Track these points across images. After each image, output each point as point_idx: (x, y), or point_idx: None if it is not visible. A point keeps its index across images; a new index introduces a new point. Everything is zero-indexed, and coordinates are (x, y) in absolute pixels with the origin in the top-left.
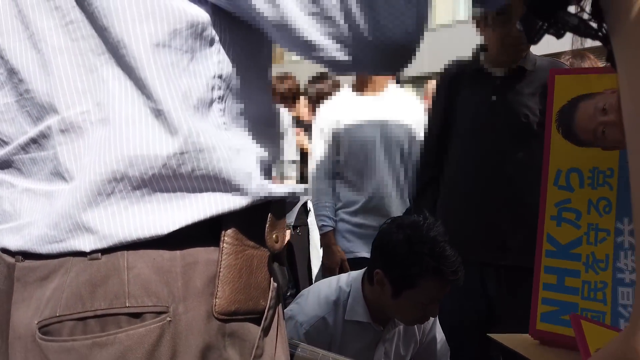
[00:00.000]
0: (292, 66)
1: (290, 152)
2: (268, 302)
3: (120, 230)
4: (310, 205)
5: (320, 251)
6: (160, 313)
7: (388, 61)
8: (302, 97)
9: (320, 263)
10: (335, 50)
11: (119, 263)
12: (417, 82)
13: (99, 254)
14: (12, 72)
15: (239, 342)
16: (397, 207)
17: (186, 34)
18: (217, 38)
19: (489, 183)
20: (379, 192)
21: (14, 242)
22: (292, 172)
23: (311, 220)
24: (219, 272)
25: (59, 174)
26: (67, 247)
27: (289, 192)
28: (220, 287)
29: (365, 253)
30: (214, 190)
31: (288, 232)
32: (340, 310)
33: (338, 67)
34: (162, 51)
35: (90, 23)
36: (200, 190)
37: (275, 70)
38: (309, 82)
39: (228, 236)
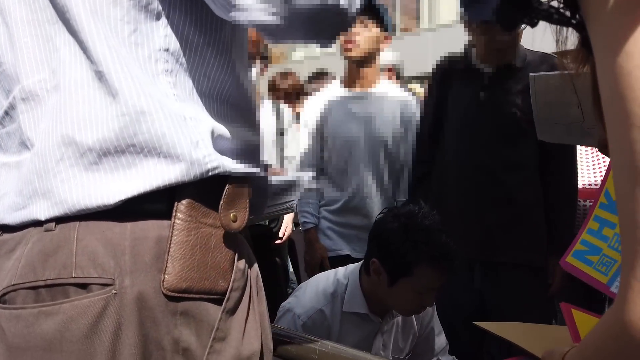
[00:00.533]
0: (295, 65)
1: (291, 148)
2: (231, 284)
3: (69, 197)
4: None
5: None
6: (105, 285)
7: (318, 25)
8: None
9: None
10: (267, 14)
11: (69, 234)
12: (420, 81)
13: (53, 225)
14: None
15: (195, 323)
16: (378, 207)
17: (128, 5)
18: (164, 13)
19: (477, 180)
20: (360, 191)
21: None
22: (290, 167)
23: None
24: (169, 247)
25: (23, 143)
26: (28, 215)
27: (246, 171)
28: (170, 263)
29: (346, 251)
30: (158, 157)
31: (290, 228)
32: (337, 302)
33: (271, 33)
34: (100, 18)
35: None
36: (145, 157)
37: (278, 68)
38: (308, 79)
39: (180, 211)
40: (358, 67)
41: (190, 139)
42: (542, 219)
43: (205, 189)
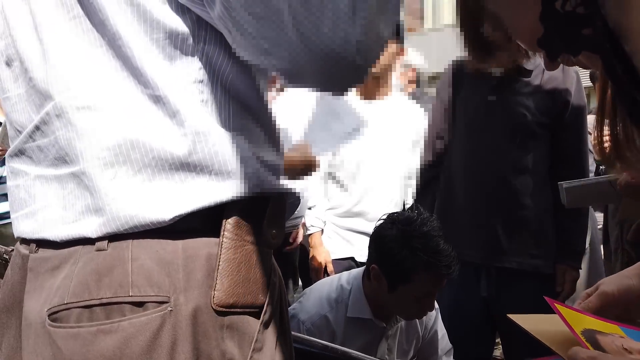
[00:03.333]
0: None
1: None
2: (267, 297)
3: (122, 214)
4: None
5: None
6: (161, 303)
7: (331, 75)
8: None
9: None
10: (278, 57)
11: (123, 254)
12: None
13: (106, 244)
14: (21, 63)
15: (238, 335)
16: (382, 213)
17: (164, 44)
18: (198, 46)
19: (486, 184)
20: (365, 196)
21: (29, 227)
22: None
23: None
24: (218, 265)
25: (62, 159)
26: (77, 231)
27: (287, 188)
28: (219, 280)
29: (349, 255)
30: (210, 174)
31: (301, 233)
32: (341, 308)
33: (284, 76)
34: (149, 50)
35: (89, 18)
36: (197, 175)
37: None
38: None
39: (228, 230)
40: (374, 80)
41: (239, 157)
42: (550, 225)
43: (248, 207)
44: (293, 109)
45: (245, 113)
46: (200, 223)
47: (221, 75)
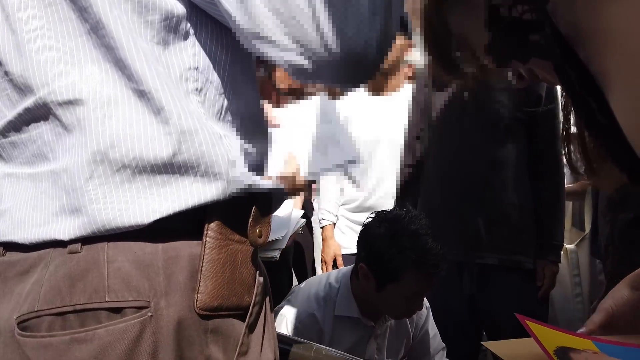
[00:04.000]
0: None
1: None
2: (253, 298)
3: (99, 217)
4: (315, 204)
5: None
6: (141, 308)
7: (349, 74)
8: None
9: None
10: (297, 55)
11: (98, 256)
12: None
13: (79, 246)
14: None
15: (223, 339)
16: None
17: (159, 27)
18: (192, 31)
19: (464, 181)
20: (377, 190)
21: None
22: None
23: (313, 219)
24: (202, 266)
25: (42, 156)
26: (48, 234)
27: (274, 186)
28: (203, 282)
29: None
30: (195, 175)
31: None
32: (329, 307)
33: (299, 73)
34: (137, 37)
35: (71, 4)
36: (182, 176)
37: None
38: None
39: (211, 230)
40: (383, 75)
41: (227, 158)
42: (531, 220)
43: (233, 206)
44: (294, 123)
45: (239, 108)
46: (182, 224)
47: (217, 63)
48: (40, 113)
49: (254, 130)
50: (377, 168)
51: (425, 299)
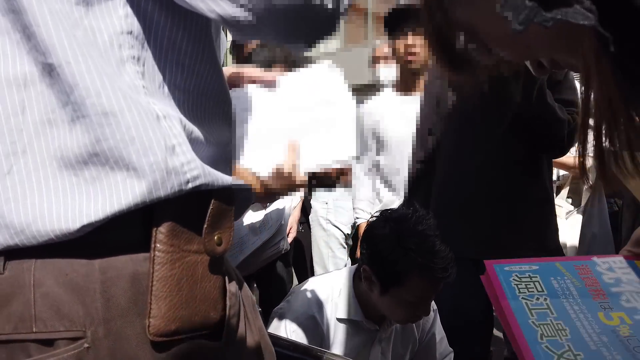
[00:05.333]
0: None
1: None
2: (227, 311)
3: (17, 220)
4: (313, 204)
5: (323, 250)
6: (75, 339)
7: (297, 25)
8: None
9: (323, 263)
10: (233, 5)
11: (24, 279)
12: None
13: (2, 264)
14: None
15: None
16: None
17: None
18: None
19: (481, 176)
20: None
21: None
22: None
23: (312, 217)
24: (152, 285)
25: None
26: None
27: (233, 181)
28: (155, 304)
29: None
30: (127, 168)
31: (294, 229)
32: (330, 309)
33: (239, 28)
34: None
35: None
36: (112, 170)
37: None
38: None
39: (161, 242)
40: (414, 75)
41: (164, 143)
42: (551, 216)
43: (185, 208)
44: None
45: (187, 82)
46: (123, 234)
47: (154, 25)
48: None
49: (213, 114)
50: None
51: (433, 302)
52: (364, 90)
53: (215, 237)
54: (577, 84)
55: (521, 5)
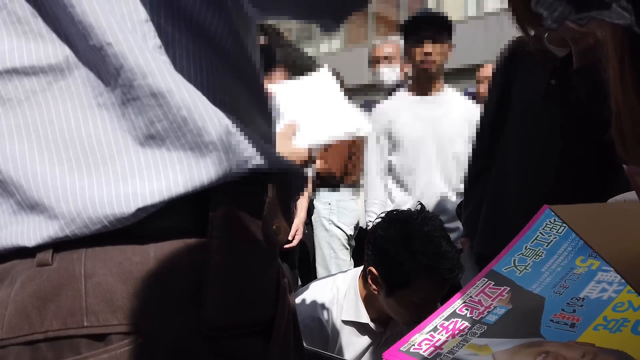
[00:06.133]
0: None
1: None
2: (278, 309)
3: (67, 208)
4: (314, 203)
5: (325, 251)
6: (129, 334)
7: (323, 6)
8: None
9: (326, 264)
10: None
11: (73, 269)
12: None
13: (50, 255)
14: None
15: None
16: (445, 207)
17: None
18: None
19: (541, 175)
20: (425, 195)
21: None
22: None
23: (314, 218)
24: (208, 275)
25: None
26: (9, 239)
27: (290, 164)
28: (210, 295)
29: None
30: (183, 148)
31: (300, 229)
32: (336, 311)
33: (258, 3)
34: None
35: None
36: (168, 151)
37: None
38: None
39: (217, 228)
40: (430, 79)
41: (218, 121)
42: None
43: (243, 194)
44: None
45: (220, 63)
46: (178, 219)
47: (180, 8)
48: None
49: (249, 96)
50: (425, 168)
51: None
52: (364, 90)
53: (274, 227)
54: None
55: (555, 3)
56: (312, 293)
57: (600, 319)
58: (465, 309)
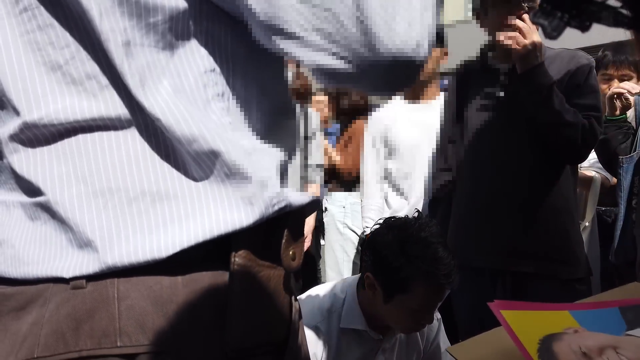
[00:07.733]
0: None
1: (317, 156)
2: (291, 327)
3: (110, 255)
4: (325, 204)
5: (338, 254)
6: (159, 353)
7: (394, 79)
8: (322, 95)
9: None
10: (330, 55)
11: (107, 293)
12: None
13: (83, 281)
14: None
15: None
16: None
17: (163, 28)
18: (201, 27)
19: (498, 185)
20: (421, 200)
21: None
22: (317, 176)
23: (327, 221)
24: (231, 299)
25: (21, 184)
26: (47, 271)
27: (309, 200)
28: (234, 319)
29: None
30: (222, 201)
31: (309, 239)
32: (334, 318)
33: (331, 77)
34: (134, 51)
35: (48, 9)
36: (207, 202)
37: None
38: None
39: (239, 257)
40: (422, 85)
41: (257, 179)
42: (571, 226)
43: (263, 228)
44: None
45: (270, 110)
46: (204, 252)
47: (235, 60)
48: (19, 139)
49: (283, 127)
50: (421, 173)
51: (437, 312)
52: None
53: (291, 253)
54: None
55: (552, 14)
56: (311, 301)
57: None
58: None
